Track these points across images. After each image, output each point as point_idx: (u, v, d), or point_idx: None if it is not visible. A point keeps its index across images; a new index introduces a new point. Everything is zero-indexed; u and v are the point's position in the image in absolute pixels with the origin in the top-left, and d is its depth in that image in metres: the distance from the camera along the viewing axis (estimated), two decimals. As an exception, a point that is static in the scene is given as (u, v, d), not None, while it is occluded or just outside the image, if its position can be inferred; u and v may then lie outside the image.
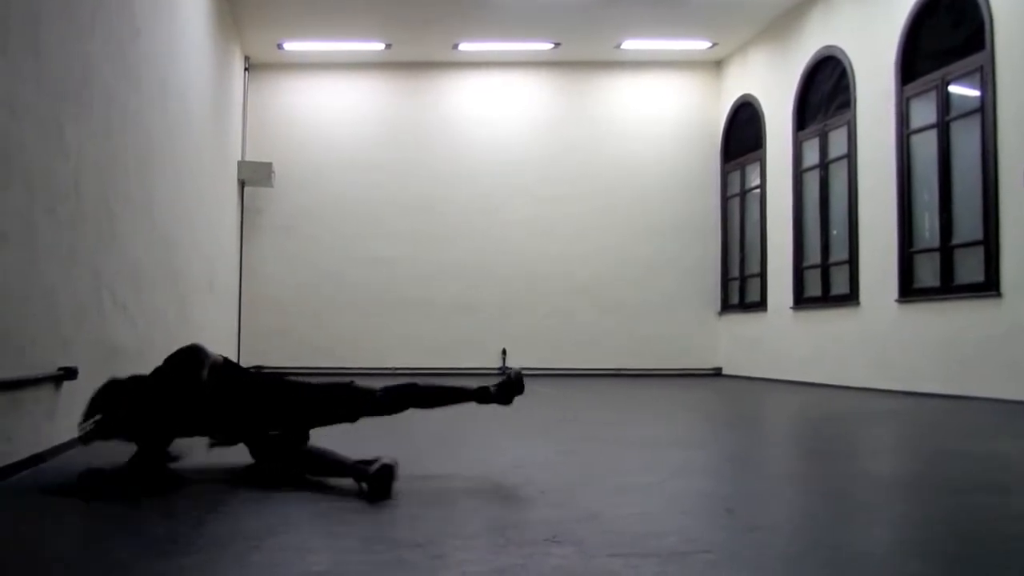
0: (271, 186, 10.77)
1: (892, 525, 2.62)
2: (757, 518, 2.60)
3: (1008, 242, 6.54)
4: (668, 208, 11.32)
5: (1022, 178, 6.38)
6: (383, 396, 3.17)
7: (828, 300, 8.94)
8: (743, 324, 10.75)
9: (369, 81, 11.40)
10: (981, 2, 6.82)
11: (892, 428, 5.43)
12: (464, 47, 10.78)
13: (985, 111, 6.76)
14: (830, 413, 6.28)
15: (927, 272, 7.49)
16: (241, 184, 10.57)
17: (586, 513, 2.53)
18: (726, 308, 11.16)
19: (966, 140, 7.05)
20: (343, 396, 3.20)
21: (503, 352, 11.07)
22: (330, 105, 11.34)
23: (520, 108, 11.41)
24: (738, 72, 10.97)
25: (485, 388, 3.23)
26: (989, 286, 6.68)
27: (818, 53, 9.14)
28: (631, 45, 10.74)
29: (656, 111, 11.42)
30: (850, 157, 8.54)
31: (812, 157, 9.30)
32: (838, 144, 8.82)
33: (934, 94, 7.41)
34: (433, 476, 3.19)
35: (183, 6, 6.77)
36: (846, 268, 8.60)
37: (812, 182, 9.30)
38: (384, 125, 11.33)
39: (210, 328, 8.00)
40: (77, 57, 3.98)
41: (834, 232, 8.92)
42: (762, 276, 10.24)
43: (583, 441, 4.48)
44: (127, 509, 2.66)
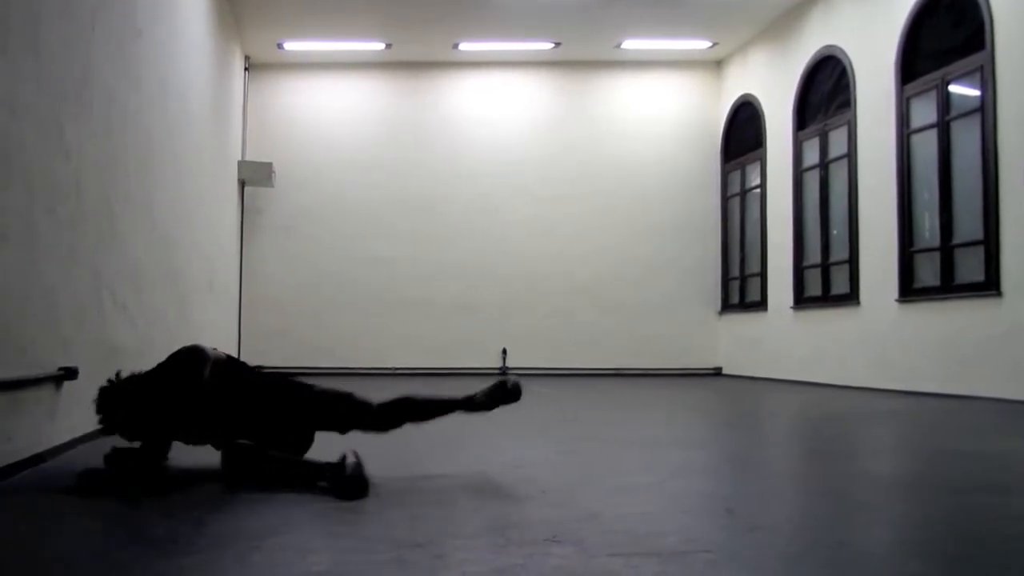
0: (271, 186, 10.78)
1: (892, 525, 2.62)
2: (757, 518, 2.60)
3: (1008, 241, 6.54)
4: (668, 208, 11.32)
5: (1022, 177, 6.38)
6: (380, 409, 3.18)
7: (828, 300, 8.94)
8: (743, 324, 10.75)
9: (369, 81, 11.40)
10: (981, 2, 6.82)
11: (892, 428, 5.43)
12: (464, 47, 10.78)
13: (985, 111, 6.76)
14: (830, 413, 6.28)
15: (927, 272, 7.49)
16: (241, 184, 10.57)
17: (586, 513, 2.53)
18: (726, 308, 11.16)
19: (966, 140, 7.05)
20: (340, 404, 3.20)
21: (503, 352, 11.07)
22: (330, 105, 11.34)
23: (520, 108, 11.41)
24: (738, 72, 10.97)
25: (471, 397, 3.23)
26: (989, 286, 6.68)
27: (818, 53, 9.14)
28: (631, 45, 10.74)
29: (656, 111, 11.42)
30: (850, 157, 8.54)
31: (812, 157, 9.30)
32: (838, 144, 8.82)
33: (934, 94, 7.41)
34: (433, 476, 3.19)
35: (183, 6, 6.77)
36: (846, 268, 8.60)
37: (812, 182, 9.30)
38: (384, 125, 11.33)
39: (210, 328, 7.99)
40: (77, 57, 3.98)
41: (834, 232, 8.92)
42: (762, 276, 10.24)
43: (583, 441, 4.48)
44: (127, 509, 2.66)
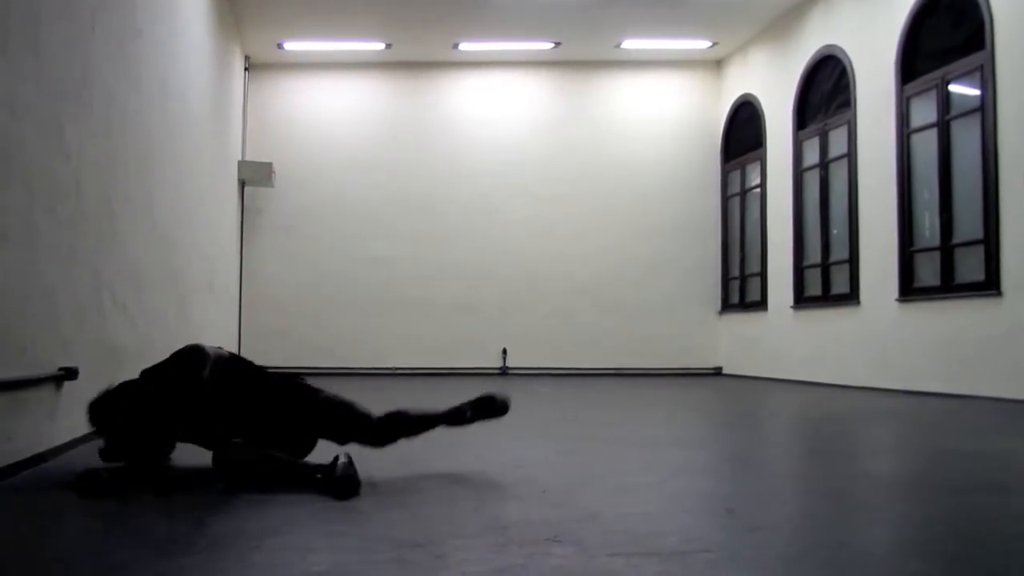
0: (271, 186, 10.78)
1: (892, 525, 2.62)
2: (757, 518, 2.60)
3: (1008, 241, 6.54)
4: (668, 208, 11.32)
5: (1022, 177, 6.38)
6: (377, 423, 3.16)
7: (828, 299, 8.94)
8: (743, 324, 10.75)
9: (369, 81, 11.40)
10: (981, 1, 6.82)
11: (892, 428, 5.43)
12: (464, 47, 10.77)
13: (985, 110, 6.76)
14: (830, 413, 6.28)
15: (927, 271, 7.49)
16: (241, 184, 10.58)
17: (587, 513, 2.53)
18: (726, 308, 11.16)
19: (966, 139, 7.05)
20: (343, 415, 3.18)
21: (503, 352, 11.07)
22: (330, 105, 11.34)
23: (520, 108, 11.41)
24: (738, 72, 10.97)
25: (459, 409, 3.25)
26: (989, 285, 6.68)
27: (818, 52, 9.13)
28: (631, 45, 10.74)
29: (656, 111, 11.42)
30: (850, 156, 8.53)
31: (812, 156, 9.30)
32: (838, 143, 8.82)
33: (934, 93, 7.41)
34: (433, 476, 3.19)
35: (183, 6, 6.77)
36: (846, 267, 8.59)
37: (812, 181, 9.30)
38: (384, 125, 11.33)
39: (210, 328, 7.99)
40: (77, 57, 3.98)
41: (834, 231, 8.92)
42: (762, 275, 10.24)
43: (583, 441, 4.48)
44: (127, 509, 2.66)
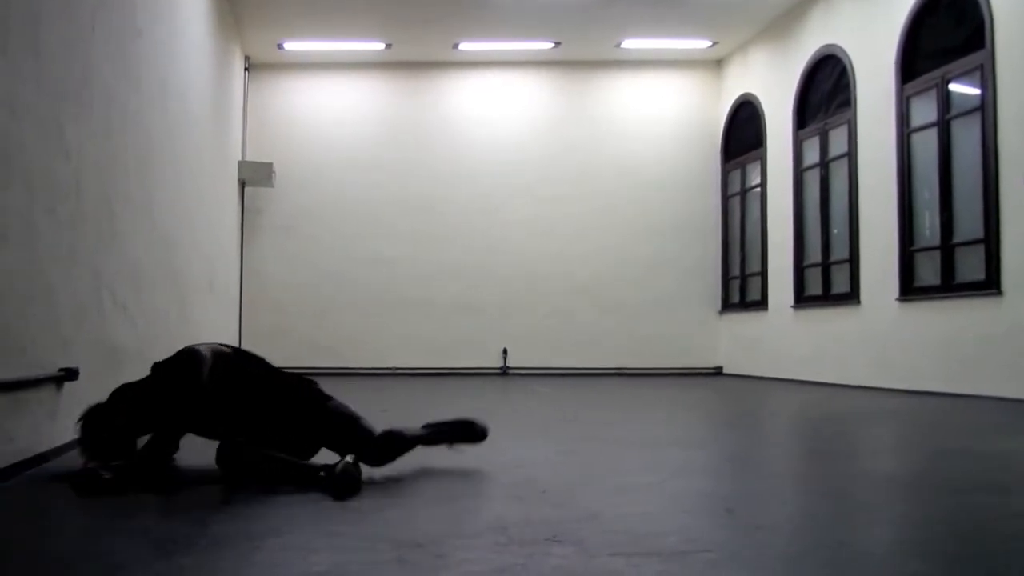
0: (271, 186, 10.77)
1: (892, 525, 2.62)
2: (758, 518, 2.60)
3: (1009, 240, 6.54)
4: (668, 207, 11.31)
5: (1023, 176, 6.37)
6: (375, 442, 3.11)
7: (829, 299, 8.94)
8: (744, 323, 10.75)
9: (369, 81, 11.40)
10: (981, 1, 6.81)
11: (893, 427, 5.43)
12: (464, 47, 10.77)
13: (985, 109, 6.76)
14: (831, 412, 6.28)
15: (928, 271, 7.49)
16: (241, 184, 10.57)
17: (587, 512, 2.53)
18: (727, 307, 11.16)
19: (966, 138, 7.05)
20: (346, 427, 3.15)
21: (504, 352, 11.07)
22: (330, 105, 11.33)
23: (520, 108, 11.40)
24: (738, 71, 10.97)
25: (438, 430, 3.36)
26: (990, 284, 6.68)
27: (818, 52, 9.13)
28: (631, 44, 10.73)
29: (656, 110, 11.41)
30: (850, 156, 8.53)
31: (812, 156, 9.30)
32: (838, 143, 8.82)
33: (934, 93, 7.41)
34: (434, 475, 3.19)
35: (183, 6, 6.77)
36: (847, 267, 8.59)
37: (812, 181, 9.30)
38: (384, 125, 11.33)
39: (210, 328, 7.99)
40: (77, 57, 3.98)
41: (835, 231, 8.91)
42: (763, 275, 10.24)
43: (583, 441, 4.47)
44: (127, 509, 2.66)
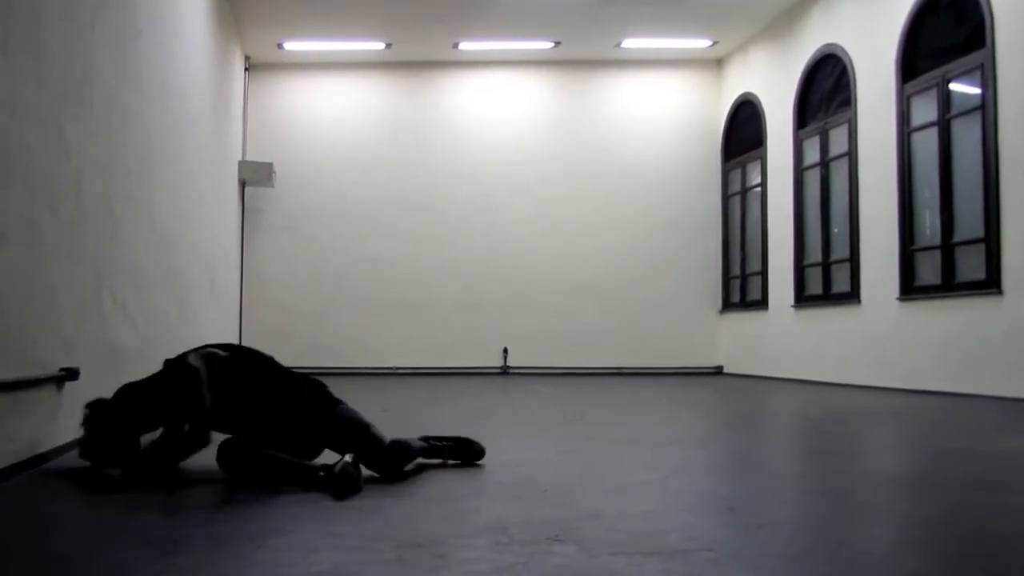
0: (271, 186, 10.77)
1: (893, 524, 2.62)
2: (759, 516, 2.60)
3: (1009, 239, 6.53)
4: (669, 207, 11.31)
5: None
6: (383, 452, 3.06)
7: (829, 298, 8.94)
8: (744, 323, 10.75)
9: (369, 81, 11.40)
10: (981, 0, 6.81)
11: (893, 427, 5.43)
12: (464, 46, 10.77)
13: (986, 109, 6.76)
14: (831, 412, 6.28)
15: (928, 270, 7.49)
16: (241, 184, 10.57)
17: (588, 512, 2.53)
18: (727, 307, 11.16)
19: (967, 138, 7.05)
20: (355, 433, 3.10)
21: (504, 351, 11.07)
22: (330, 105, 11.33)
23: (520, 107, 11.40)
24: (739, 70, 10.96)
25: (438, 445, 3.33)
26: (990, 284, 6.68)
27: (819, 51, 9.13)
28: (631, 44, 10.73)
29: (656, 110, 11.41)
30: (851, 155, 8.53)
31: (813, 155, 9.30)
32: (839, 142, 8.81)
33: (935, 92, 7.40)
34: (434, 475, 3.19)
35: (183, 6, 6.77)
36: (847, 266, 8.59)
37: (813, 180, 9.29)
38: (384, 125, 11.33)
39: (210, 328, 8.00)
40: (77, 57, 3.98)
41: (835, 230, 8.91)
42: (763, 274, 10.23)
43: (584, 440, 4.47)
44: (127, 509, 2.66)
